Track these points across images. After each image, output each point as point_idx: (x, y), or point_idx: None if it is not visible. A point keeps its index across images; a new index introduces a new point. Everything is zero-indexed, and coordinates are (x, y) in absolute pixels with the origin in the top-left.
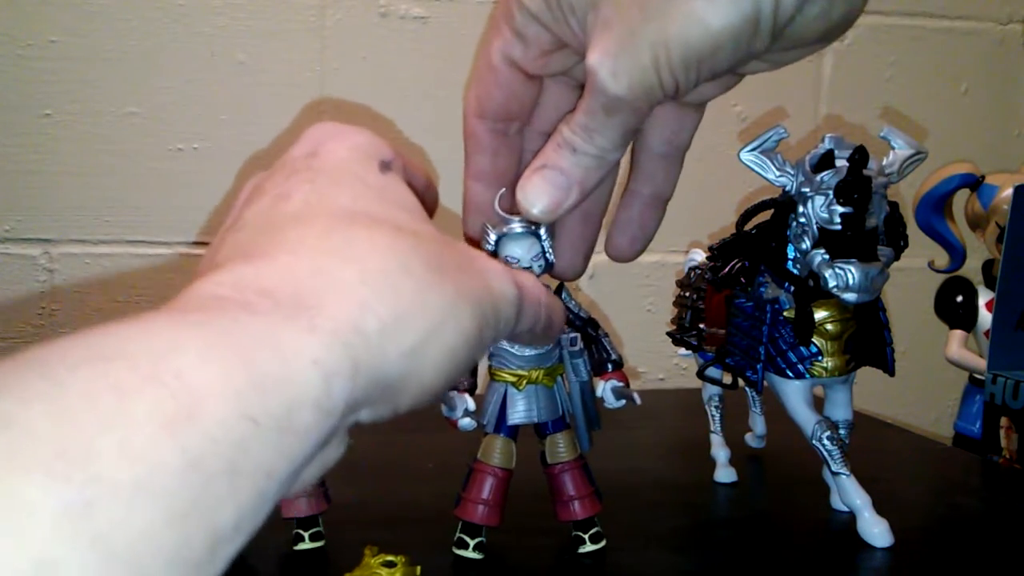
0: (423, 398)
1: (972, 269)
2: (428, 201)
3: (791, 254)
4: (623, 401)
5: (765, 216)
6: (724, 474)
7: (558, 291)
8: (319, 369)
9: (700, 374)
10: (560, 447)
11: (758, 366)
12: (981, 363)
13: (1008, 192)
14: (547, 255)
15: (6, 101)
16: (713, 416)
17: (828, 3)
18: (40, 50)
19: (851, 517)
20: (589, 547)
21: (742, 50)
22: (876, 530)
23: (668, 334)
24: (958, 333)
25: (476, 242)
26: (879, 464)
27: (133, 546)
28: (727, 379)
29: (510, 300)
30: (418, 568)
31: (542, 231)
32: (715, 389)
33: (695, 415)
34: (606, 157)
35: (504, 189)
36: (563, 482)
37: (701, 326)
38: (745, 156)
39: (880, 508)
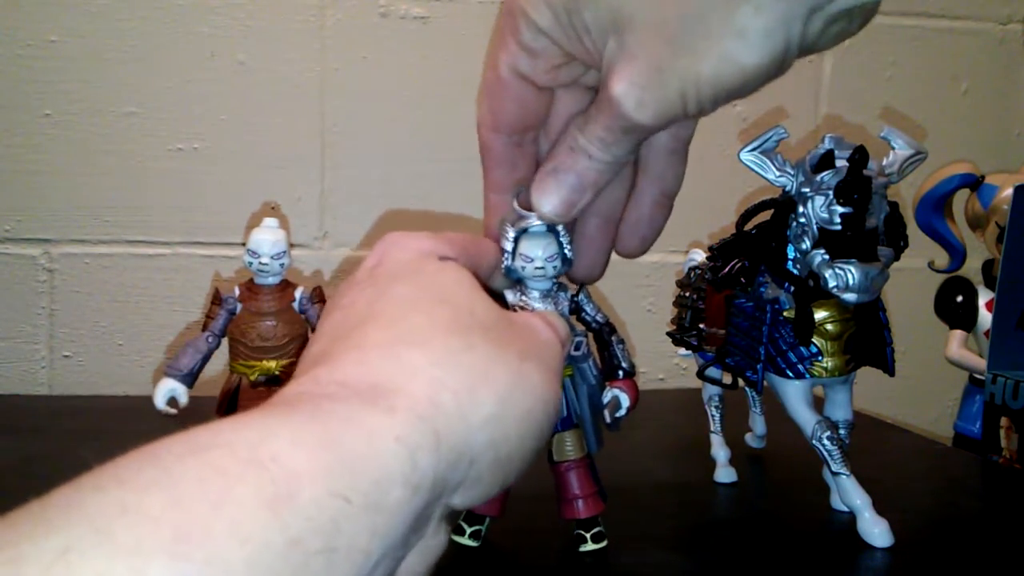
0: (513, 468)
1: (972, 269)
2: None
3: (791, 254)
4: (619, 414)
5: (765, 216)
6: (724, 474)
7: (578, 291)
8: (403, 445)
9: (700, 374)
10: (567, 445)
11: (758, 366)
12: (981, 363)
13: (1008, 192)
14: (566, 252)
15: (6, 101)
16: (713, 416)
17: (848, 20)
18: (40, 50)
19: (851, 517)
20: (590, 546)
21: (770, 79)
22: (876, 530)
23: (668, 334)
24: (958, 333)
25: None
26: (879, 464)
27: None
28: (727, 379)
29: (556, 345)
30: None
31: (560, 229)
32: (715, 389)
33: (695, 415)
34: (619, 162)
35: (522, 187)
36: (568, 480)
37: (701, 326)
38: (745, 156)
39: (880, 508)
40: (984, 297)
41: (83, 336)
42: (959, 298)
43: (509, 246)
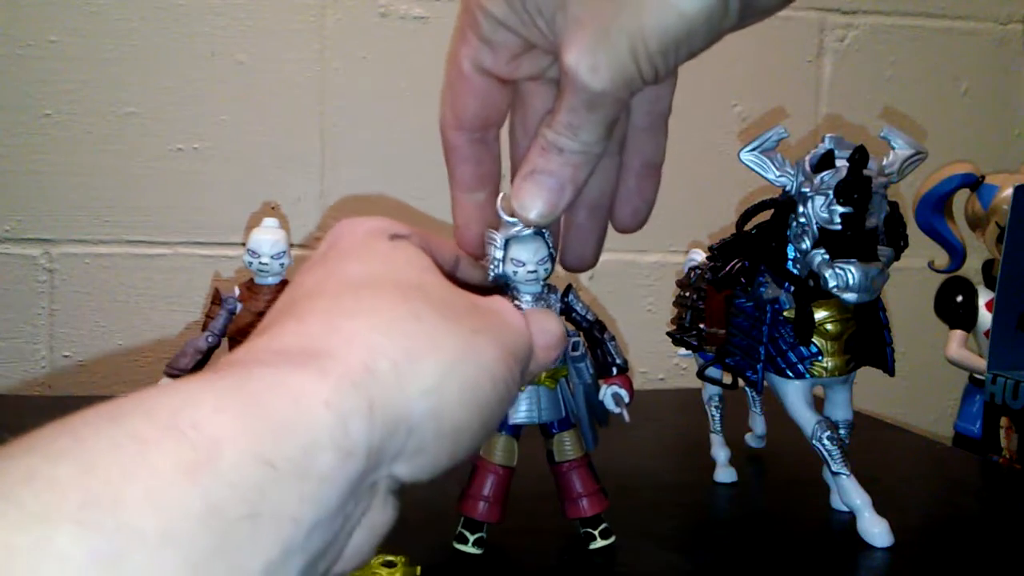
0: (460, 442)
1: (972, 269)
2: (460, 276)
3: (791, 254)
4: (621, 409)
5: (765, 216)
6: (724, 474)
7: (566, 292)
8: (333, 410)
9: (700, 374)
10: (567, 445)
11: (758, 366)
12: (981, 363)
13: (1008, 192)
14: (552, 252)
15: (6, 101)
16: (713, 416)
17: None
18: (40, 50)
19: (851, 517)
20: (600, 543)
21: (715, 29)
22: (876, 530)
23: (668, 334)
24: (958, 333)
25: (471, 253)
26: (879, 464)
27: None
28: (727, 379)
29: (521, 332)
30: (418, 568)
31: (546, 233)
32: (715, 389)
33: (695, 415)
34: (592, 151)
35: (504, 192)
36: (571, 480)
37: (701, 326)
38: (745, 156)
39: (880, 508)
40: (984, 297)
41: (83, 336)
42: (959, 298)
43: (499, 253)
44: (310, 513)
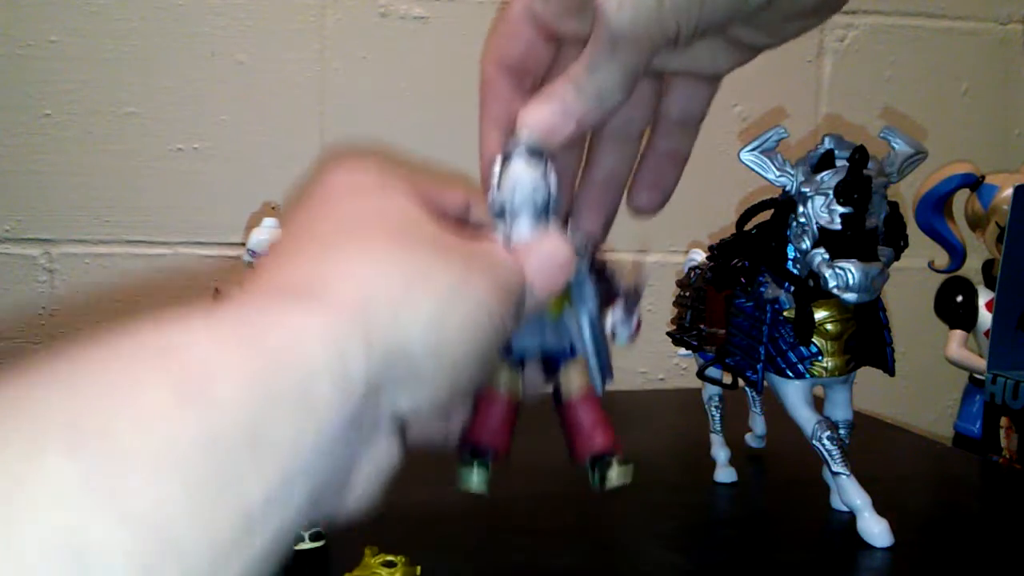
0: (459, 375)
1: (972, 269)
2: (472, 220)
3: (791, 254)
4: (634, 324)
5: (765, 216)
6: (724, 474)
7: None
8: (330, 342)
9: (700, 374)
10: (573, 377)
11: (758, 366)
12: (981, 363)
13: (1008, 192)
14: (551, 188)
15: (6, 101)
16: (713, 416)
17: None
18: (40, 50)
19: (851, 517)
20: (617, 471)
21: (736, 5)
22: (876, 530)
23: (668, 334)
24: (958, 333)
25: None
26: (879, 464)
27: (157, 516)
28: (727, 379)
29: (514, 270)
30: (418, 568)
31: (547, 165)
32: (715, 389)
33: (695, 415)
34: (607, 97)
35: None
36: (579, 413)
37: (701, 326)
38: (745, 156)
39: (880, 508)
40: (984, 297)
41: (83, 336)
42: (959, 298)
43: (496, 178)
44: (310, 443)
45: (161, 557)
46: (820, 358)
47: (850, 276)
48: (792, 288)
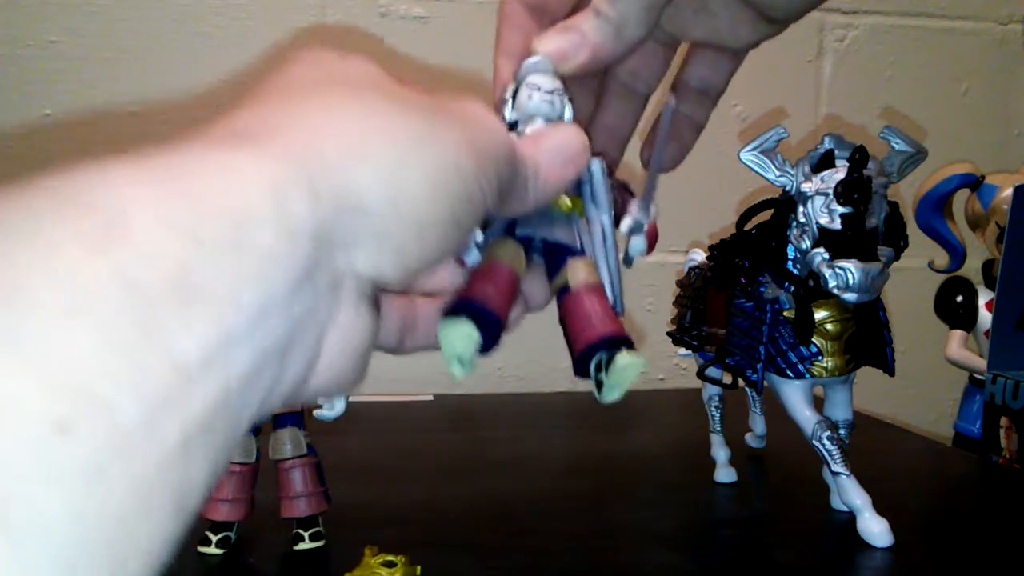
0: (427, 234)
1: (972, 269)
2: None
3: (791, 254)
4: (649, 223)
5: (765, 216)
6: (724, 474)
7: None
8: (266, 184)
9: (700, 374)
10: (580, 268)
11: (758, 366)
12: (981, 363)
13: (1008, 192)
14: (567, 104)
15: (6, 101)
16: (713, 416)
17: None
18: (40, 50)
19: (851, 517)
20: (627, 357)
21: None
22: (876, 530)
23: (668, 334)
24: (958, 333)
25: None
26: (879, 464)
27: (72, 369)
28: (727, 379)
29: (496, 128)
30: (418, 568)
31: (565, 99)
32: (715, 389)
33: (695, 415)
34: (625, 28)
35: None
36: (584, 300)
37: (701, 326)
38: (745, 156)
39: (880, 508)
40: (984, 297)
41: None
42: (959, 298)
43: (509, 99)
44: (253, 296)
45: (80, 411)
46: (820, 358)
47: (850, 276)
48: (792, 288)
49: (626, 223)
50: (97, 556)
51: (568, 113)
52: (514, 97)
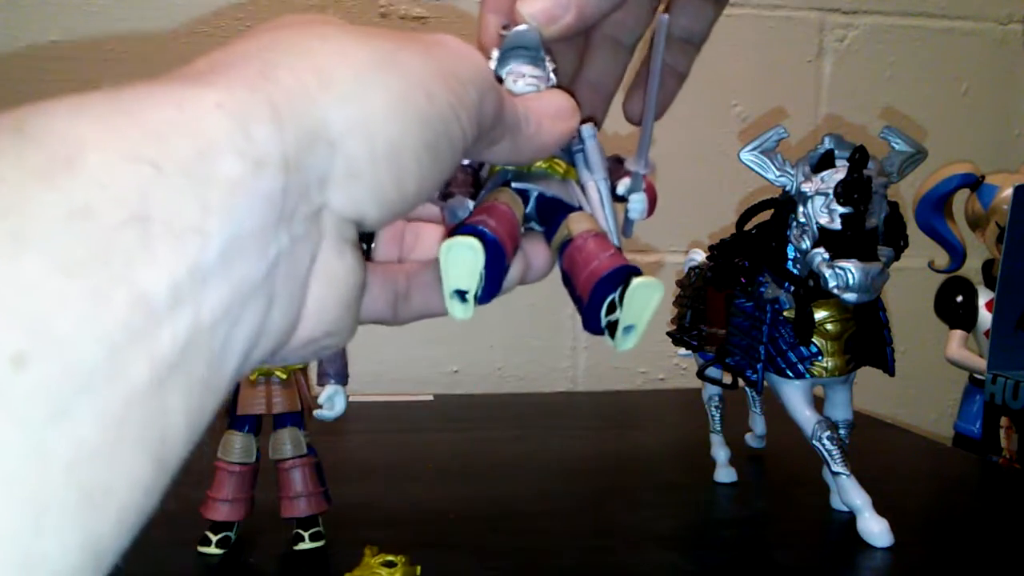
0: (404, 166)
1: (972, 269)
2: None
3: (791, 254)
4: (641, 199)
5: (765, 216)
6: (724, 474)
7: None
8: (226, 112)
9: (700, 374)
10: (581, 220)
11: (758, 366)
12: (981, 363)
13: (1008, 192)
14: (551, 75)
15: (6, 101)
16: (713, 416)
17: None
18: (40, 50)
19: (851, 517)
20: (642, 281)
21: None
22: (876, 530)
23: (668, 334)
24: (958, 333)
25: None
26: (879, 464)
27: (22, 300)
28: (727, 379)
29: (473, 57)
30: (418, 568)
31: (545, 60)
32: (715, 389)
33: (695, 415)
34: None
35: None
36: (588, 243)
37: (701, 326)
38: (745, 156)
39: (880, 508)
40: (984, 297)
41: None
42: (959, 298)
43: (494, 64)
44: (220, 226)
45: (35, 343)
46: (820, 358)
47: (850, 276)
48: (792, 288)
49: (623, 184)
50: (68, 500)
51: (554, 80)
52: (496, 67)
